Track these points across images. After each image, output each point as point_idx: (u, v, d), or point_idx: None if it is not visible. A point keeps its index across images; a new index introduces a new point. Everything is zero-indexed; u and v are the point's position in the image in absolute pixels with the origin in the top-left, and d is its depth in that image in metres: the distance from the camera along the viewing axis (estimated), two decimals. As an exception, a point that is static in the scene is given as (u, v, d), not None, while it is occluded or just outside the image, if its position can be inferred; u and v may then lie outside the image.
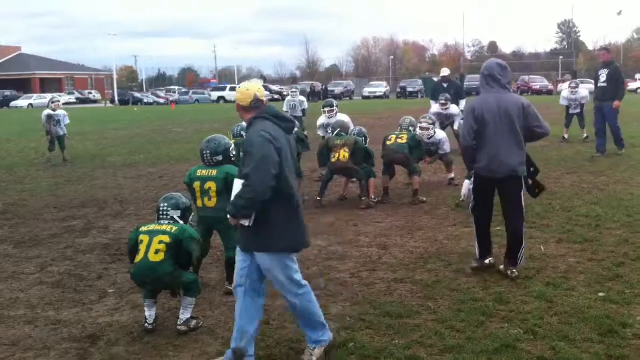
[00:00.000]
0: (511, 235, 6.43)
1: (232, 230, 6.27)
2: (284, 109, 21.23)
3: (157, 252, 5.28)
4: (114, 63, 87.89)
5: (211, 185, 6.13)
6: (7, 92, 69.70)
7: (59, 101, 18.09)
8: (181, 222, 5.53)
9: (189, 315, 5.43)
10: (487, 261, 6.62)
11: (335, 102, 13.18)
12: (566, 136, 17.75)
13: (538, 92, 59.54)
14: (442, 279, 6.42)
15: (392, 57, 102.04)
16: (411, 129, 10.78)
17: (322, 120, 13.15)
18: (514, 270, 6.33)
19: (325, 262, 7.24)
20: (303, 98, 20.93)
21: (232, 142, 6.56)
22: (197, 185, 6.20)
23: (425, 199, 10.19)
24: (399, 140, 10.47)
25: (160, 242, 5.31)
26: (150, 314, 5.44)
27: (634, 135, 17.88)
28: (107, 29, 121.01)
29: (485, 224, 6.62)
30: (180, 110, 48.78)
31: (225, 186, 6.04)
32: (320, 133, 13.29)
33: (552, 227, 8.31)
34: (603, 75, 14.44)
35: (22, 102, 65.49)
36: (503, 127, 6.13)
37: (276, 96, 65.28)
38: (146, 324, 5.41)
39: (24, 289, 6.59)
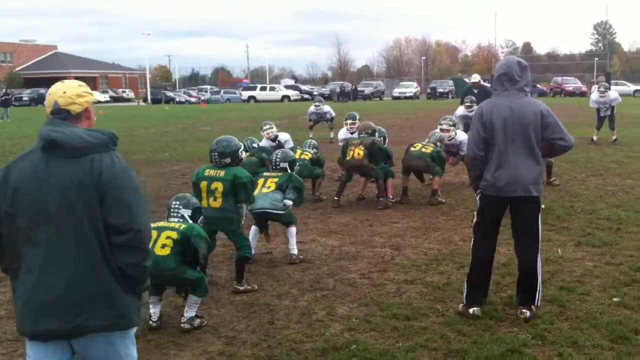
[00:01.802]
0: (523, 268, 5.42)
1: (238, 230, 6.28)
2: (307, 118, 21.21)
3: (163, 246, 5.26)
4: (148, 62, 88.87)
5: (218, 185, 6.16)
6: (42, 90, 70.66)
7: None
8: (190, 221, 5.51)
9: (193, 314, 5.40)
10: (472, 310, 5.38)
11: (357, 115, 12.75)
12: (595, 138, 17.44)
13: (571, 94, 58.64)
14: (454, 281, 6.30)
15: (424, 57, 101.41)
16: (439, 144, 10.52)
17: (342, 134, 12.69)
18: (525, 311, 5.31)
19: (337, 262, 7.16)
20: (328, 108, 20.86)
21: (241, 144, 6.56)
22: (203, 184, 6.23)
23: (443, 199, 10.05)
24: (424, 149, 10.31)
25: (168, 237, 5.29)
26: (154, 311, 5.42)
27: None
28: (142, 29, 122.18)
29: (486, 263, 5.45)
30: (210, 109, 49.06)
31: (231, 188, 6.11)
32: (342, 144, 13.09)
33: (572, 230, 8.13)
34: None
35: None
36: (516, 137, 5.15)
37: (306, 96, 65.48)
38: (150, 321, 5.39)
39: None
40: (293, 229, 7.29)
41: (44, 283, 2.93)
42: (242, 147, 6.50)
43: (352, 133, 11.64)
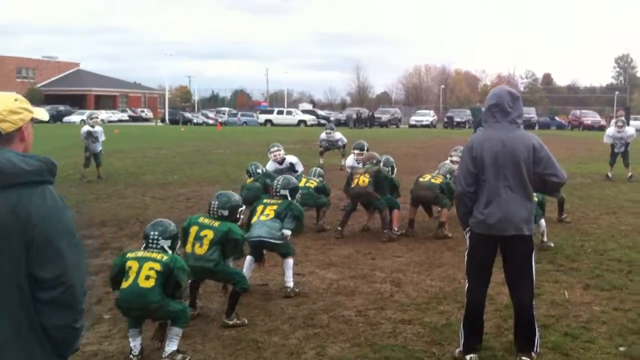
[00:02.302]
0: (519, 312, 5.08)
1: (225, 271, 6.04)
2: (318, 144, 21.07)
3: (147, 277, 5.05)
4: (167, 82, 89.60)
5: (208, 233, 5.97)
6: (61, 107, 71.37)
7: (97, 117, 18.47)
8: (170, 251, 5.29)
9: (175, 347, 5.16)
10: (469, 357, 5.08)
11: (366, 145, 12.57)
12: (610, 174, 17.08)
13: (589, 127, 58.14)
14: (454, 322, 6.01)
15: (442, 86, 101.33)
16: (448, 175, 10.25)
17: (350, 162, 12.61)
18: (525, 358, 4.99)
19: (334, 297, 6.90)
20: (340, 135, 20.74)
21: (240, 200, 6.46)
22: (193, 229, 6.06)
23: (450, 233, 9.76)
24: (433, 180, 10.07)
25: (151, 268, 5.09)
26: (134, 344, 5.19)
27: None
28: (164, 49, 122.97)
29: (480, 307, 5.16)
30: (226, 131, 49.13)
31: (222, 240, 5.93)
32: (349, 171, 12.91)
33: (581, 271, 7.82)
34: None
35: (75, 118, 66.81)
36: (507, 172, 4.87)
37: (322, 121, 65.51)
38: (131, 356, 5.16)
39: (20, 309, 6.41)
40: (290, 261, 7.06)
41: None
42: (242, 208, 6.34)
43: (358, 163, 11.44)
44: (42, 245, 2.43)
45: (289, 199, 7.23)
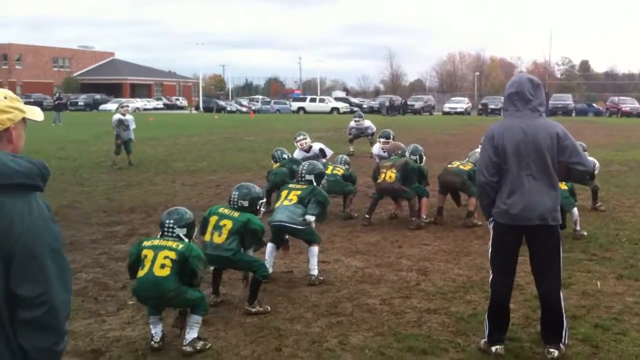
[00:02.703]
0: (545, 304, 4.95)
1: (244, 260, 5.99)
2: (347, 132, 20.97)
3: (162, 266, 5.02)
4: (201, 71, 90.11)
5: (227, 223, 5.93)
6: (98, 96, 72.22)
7: (128, 106, 18.60)
8: (186, 240, 5.24)
9: (195, 335, 5.12)
10: (494, 349, 4.94)
11: (392, 134, 12.48)
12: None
13: (628, 114, 56.92)
14: (480, 312, 5.86)
15: (477, 73, 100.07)
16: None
17: (376, 150, 12.58)
18: (553, 350, 4.82)
19: (359, 285, 6.81)
20: (369, 123, 20.64)
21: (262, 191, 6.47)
22: (213, 219, 6.04)
23: (479, 222, 9.58)
24: (462, 167, 9.91)
25: (166, 257, 5.05)
26: (156, 331, 5.16)
27: None
28: (197, 39, 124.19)
29: (505, 299, 5.01)
30: (258, 119, 49.22)
31: (240, 231, 5.88)
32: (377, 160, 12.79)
33: (615, 261, 7.60)
34: None
35: (111, 106, 67.42)
36: (530, 161, 4.73)
37: (355, 108, 65.27)
38: (152, 342, 5.14)
39: (46, 294, 6.44)
40: (315, 249, 6.98)
41: None
42: (263, 201, 6.28)
43: (384, 152, 11.33)
44: (25, 259, 2.22)
45: (314, 184, 7.15)
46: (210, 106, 70.50)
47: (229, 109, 69.68)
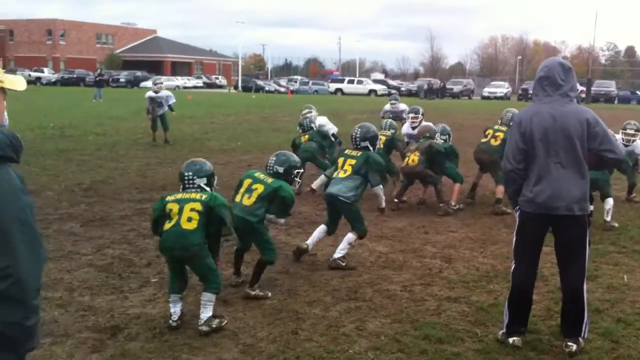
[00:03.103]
0: (567, 296, 4.84)
1: (263, 234, 6.03)
2: (381, 116, 20.75)
3: (189, 219, 5.09)
4: (240, 50, 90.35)
5: (259, 187, 5.98)
6: (139, 73, 72.91)
7: (161, 83, 18.65)
8: (208, 189, 5.30)
9: (209, 313, 5.16)
10: (511, 340, 4.88)
11: (420, 110, 12.34)
12: None
13: (673, 102, 55.54)
14: (501, 302, 5.77)
15: (519, 57, 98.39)
16: (512, 124, 9.83)
17: (405, 129, 12.36)
18: (571, 344, 4.73)
19: (381, 270, 6.79)
20: (404, 106, 20.35)
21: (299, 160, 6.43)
22: (247, 181, 6.10)
23: (509, 210, 9.44)
24: (492, 141, 9.75)
25: (192, 209, 5.12)
26: (175, 310, 5.22)
27: None
28: (239, 17, 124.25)
29: (525, 290, 4.91)
30: (296, 99, 49.16)
31: (270, 197, 5.93)
32: (406, 139, 12.66)
33: (644, 254, 7.44)
34: None
35: (151, 84, 68.32)
36: (559, 148, 4.60)
37: (393, 91, 64.84)
38: (170, 321, 5.20)
39: (72, 269, 6.57)
40: (352, 236, 6.92)
41: None
42: (298, 166, 6.29)
43: (413, 128, 11.26)
44: None
45: (370, 149, 7.11)
46: (249, 85, 70.66)
47: (267, 88, 69.79)
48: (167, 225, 5.15)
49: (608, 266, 6.98)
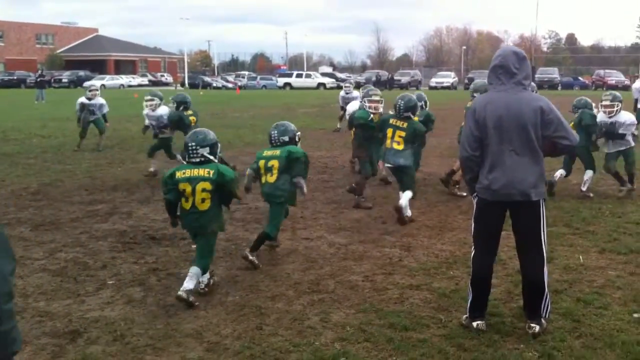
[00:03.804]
0: (527, 280, 4.92)
1: (282, 208, 6.74)
2: (340, 103, 20.77)
3: (203, 200, 5.57)
4: (186, 47, 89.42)
5: (274, 163, 6.61)
6: (81, 73, 71.35)
7: (96, 90, 17.05)
8: (211, 157, 5.64)
9: (192, 286, 5.49)
10: (475, 324, 4.95)
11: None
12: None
13: (613, 87, 56.84)
14: (462, 287, 5.84)
15: (464, 47, 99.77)
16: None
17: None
18: (534, 325, 4.82)
19: (342, 261, 6.77)
20: (358, 93, 20.42)
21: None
22: (262, 163, 6.71)
23: (464, 193, 9.53)
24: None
25: (204, 189, 5.54)
26: (202, 279, 5.72)
27: None
28: (183, 14, 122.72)
29: (486, 276, 4.97)
30: (244, 95, 48.87)
31: (287, 164, 6.56)
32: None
33: (597, 235, 7.61)
34: None
35: (95, 83, 66.86)
36: (513, 136, 4.64)
37: (342, 83, 65.02)
38: (199, 288, 5.71)
39: (25, 275, 6.36)
40: (410, 194, 8.18)
41: None
42: (298, 132, 6.94)
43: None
44: None
45: (413, 118, 8.06)
46: (196, 82, 69.91)
47: (214, 85, 69.17)
48: (186, 206, 5.62)
49: (563, 247, 7.10)
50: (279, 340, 4.83)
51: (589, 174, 9.32)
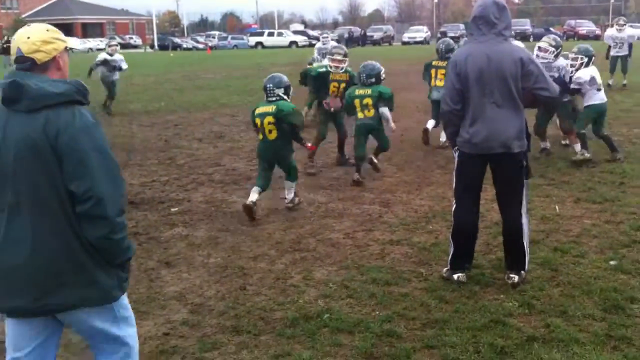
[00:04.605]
0: (507, 231, 4.95)
1: (383, 131, 8.28)
2: (315, 55, 20.51)
3: (270, 131, 6.77)
4: (154, 7, 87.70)
5: (368, 100, 8.01)
6: (48, 38, 69.79)
7: (116, 44, 16.36)
8: (285, 97, 6.75)
9: (292, 195, 7.08)
10: (456, 276, 5.01)
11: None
12: (611, 82, 16.57)
13: (584, 37, 57.03)
14: (442, 241, 5.92)
15: (435, 1, 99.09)
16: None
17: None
18: (513, 276, 4.91)
19: (322, 220, 6.80)
20: (335, 44, 20.17)
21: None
22: (357, 102, 8.07)
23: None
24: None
25: (269, 122, 6.72)
26: (253, 197, 6.71)
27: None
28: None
29: (468, 228, 4.99)
30: (216, 55, 48.22)
31: (378, 101, 7.99)
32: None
33: (573, 185, 7.72)
34: None
35: (114, 37, 65.46)
36: (494, 88, 4.62)
37: (314, 41, 64.41)
38: (248, 201, 6.66)
39: None
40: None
41: (6, 255, 2.66)
42: (382, 70, 8.20)
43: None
44: (72, 161, 2.59)
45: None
46: (166, 44, 68.77)
47: (185, 46, 68.08)
48: (260, 136, 6.91)
49: (540, 198, 7.19)
50: (262, 300, 4.87)
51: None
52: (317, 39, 61.16)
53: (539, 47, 8.90)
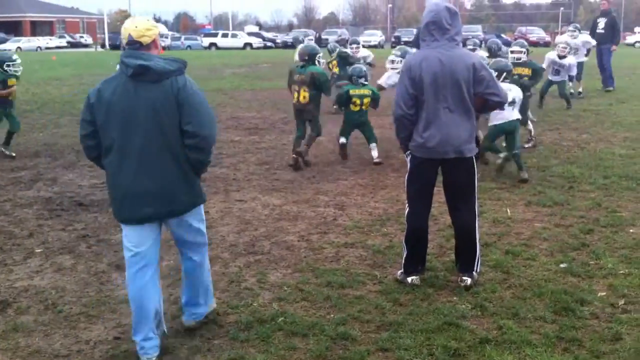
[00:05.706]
0: (459, 234, 5.04)
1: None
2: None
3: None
4: (105, 6, 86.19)
5: (366, 99, 9.43)
6: (0, 34, 68.13)
7: None
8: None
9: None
10: (410, 279, 5.04)
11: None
12: (580, 90, 16.55)
13: (535, 44, 58.37)
14: (396, 244, 5.94)
15: (390, 5, 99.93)
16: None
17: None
18: (465, 278, 4.95)
19: (276, 222, 6.76)
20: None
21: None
22: (357, 101, 9.40)
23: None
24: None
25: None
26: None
27: (623, 90, 17.30)
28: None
29: (421, 232, 5.06)
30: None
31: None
32: None
33: (523, 188, 7.83)
34: (601, 23, 17.11)
35: (10, 45, 63.82)
36: (447, 93, 4.68)
37: (269, 44, 64.35)
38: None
39: (-54, 247, 6.10)
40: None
41: (140, 181, 3.79)
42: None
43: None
44: (187, 109, 3.80)
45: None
46: (117, 43, 67.46)
47: (137, 45, 67.13)
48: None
49: (492, 201, 7.29)
50: (216, 303, 4.80)
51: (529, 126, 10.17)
52: (273, 41, 61.13)
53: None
